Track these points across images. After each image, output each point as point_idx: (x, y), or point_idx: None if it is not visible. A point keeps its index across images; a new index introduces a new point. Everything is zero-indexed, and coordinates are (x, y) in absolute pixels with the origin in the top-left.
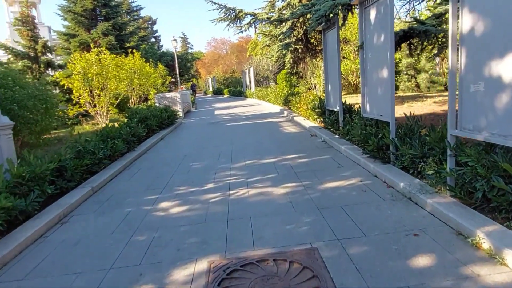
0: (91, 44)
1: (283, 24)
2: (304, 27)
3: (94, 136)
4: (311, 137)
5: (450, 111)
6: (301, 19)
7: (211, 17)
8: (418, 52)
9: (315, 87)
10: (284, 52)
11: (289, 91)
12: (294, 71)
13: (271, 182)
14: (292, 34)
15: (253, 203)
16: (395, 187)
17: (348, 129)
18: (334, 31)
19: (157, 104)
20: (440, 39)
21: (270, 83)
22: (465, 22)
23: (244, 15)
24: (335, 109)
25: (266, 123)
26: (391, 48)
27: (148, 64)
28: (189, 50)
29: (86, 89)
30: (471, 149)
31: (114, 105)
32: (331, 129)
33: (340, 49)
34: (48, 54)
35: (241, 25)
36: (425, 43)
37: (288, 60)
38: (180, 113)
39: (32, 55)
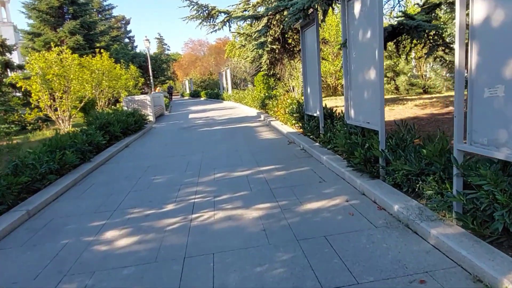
0: (52, 44)
1: (259, 22)
2: (281, 26)
3: (41, 147)
4: (289, 144)
5: (456, 120)
6: (277, 17)
7: (183, 15)
8: (407, 51)
9: (293, 89)
10: (260, 52)
11: (266, 94)
12: (271, 73)
13: (242, 202)
14: (268, 33)
15: (219, 232)
16: (388, 209)
17: (329, 137)
18: (313, 29)
19: (126, 108)
20: (431, 37)
21: (248, 85)
22: (478, 9)
23: (217, 13)
24: (315, 114)
25: (241, 128)
26: (379, 45)
27: (119, 65)
28: (166, 52)
29: (46, 91)
30: (484, 168)
31: (78, 109)
32: (311, 136)
33: (320, 49)
34: (8, 54)
35: (214, 23)
36: (414, 41)
37: (265, 61)
38: (151, 117)
39: None
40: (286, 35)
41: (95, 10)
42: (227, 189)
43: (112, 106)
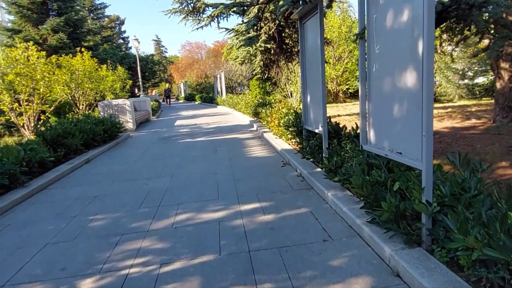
0: (30, 42)
1: (248, 12)
2: (276, 21)
3: None
4: (283, 167)
5: None
6: (271, 7)
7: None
8: (454, 44)
9: (291, 95)
10: (252, 52)
11: (260, 100)
12: (266, 77)
13: (202, 279)
14: (259, 26)
15: None
16: None
17: (336, 163)
18: (315, 19)
19: (102, 114)
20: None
21: (244, 90)
22: None
23: (204, 6)
24: (316, 131)
25: (228, 141)
26: (428, 30)
27: (105, 66)
28: (164, 54)
29: (7, 93)
30: None
31: (47, 114)
32: (311, 159)
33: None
34: None
35: (200, 18)
36: (466, 32)
37: (258, 63)
38: (130, 125)
39: None
40: (283, 34)
41: (86, 8)
42: (186, 247)
43: (89, 111)
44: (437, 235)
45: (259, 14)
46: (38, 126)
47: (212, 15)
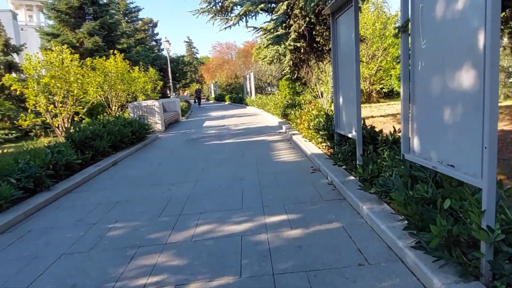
0: (64, 46)
1: (276, 8)
2: (307, 19)
3: None
4: (313, 173)
5: None
6: (301, 2)
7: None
8: None
9: (321, 95)
10: (280, 51)
11: (289, 101)
12: (295, 77)
13: None
14: (288, 23)
15: None
16: None
17: (371, 171)
18: (349, 14)
19: (131, 115)
20: None
21: (274, 90)
22: None
23: (231, 5)
24: (349, 135)
25: (256, 143)
26: (492, 18)
27: (137, 67)
28: (195, 55)
29: (43, 95)
30: None
31: (81, 115)
32: (343, 166)
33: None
34: (14, 55)
35: (228, 17)
36: None
37: (287, 63)
38: (159, 126)
39: None
40: (313, 32)
41: (121, 12)
42: (204, 265)
43: (121, 112)
44: (500, 269)
45: (288, 10)
46: (70, 127)
47: (240, 13)
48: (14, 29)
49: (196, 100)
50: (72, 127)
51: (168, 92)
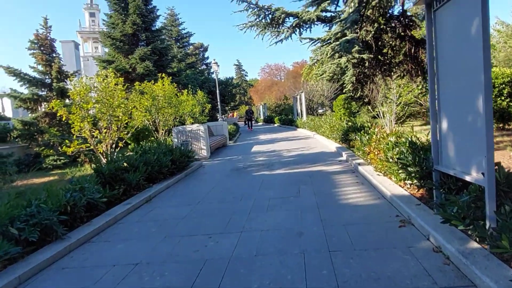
0: (110, 72)
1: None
2: (375, 25)
3: None
4: (402, 227)
5: None
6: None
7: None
8: None
9: (383, 115)
10: (342, 64)
11: (350, 123)
12: (358, 95)
13: None
14: (360, 25)
15: None
16: None
17: None
18: (466, 1)
19: (175, 140)
20: None
21: (326, 110)
22: None
23: (283, 16)
24: (466, 178)
25: (313, 175)
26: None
27: (186, 90)
28: (244, 78)
29: (86, 121)
30: None
31: (125, 140)
32: (460, 227)
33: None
34: (67, 81)
35: (279, 30)
36: None
37: (349, 79)
38: (204, 152)
39: (48, 81)
40: (379, 42)
41: (173, 38)
42: None
43: (167, 136)
44: None
45: (361, 8)
46: (112, 154)
47: (293, 25)
48: (76, 58)
49: (247, 123)
50: (104, 157)
51: (217, 114)
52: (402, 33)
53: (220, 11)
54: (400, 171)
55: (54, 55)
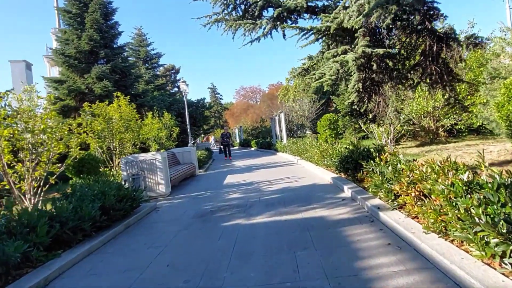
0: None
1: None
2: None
3: None
4: None
5: None
6: None
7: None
8: None
9: (374, 136)
10: (350, 61)
11: (350, 147)
12: (363, 109)
13: None
14: None
15: None
16: None
17: None
18: None
19: (124, 173)
20: None
21: (306, 132)
22: None
23: (260, 4)
24: None
25: (311, 226)
26: None
27: (152, 112)
28: (219, 101)
29: (4, 151)
30: None
31: (55, 176)
32: None
33: None
34: None
35: (256, 22)
36: None
37: (354, 87)
38: (162, 187)
39: None
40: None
41: (141, 58)
42: None
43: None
44: None
45: None
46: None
47: (275, 15)
48: (28, 79)
49: (223, 148)
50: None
51: (187, 138)
52: (420, 26)
53: (194, 34)
54: (495, 239)
55: None
